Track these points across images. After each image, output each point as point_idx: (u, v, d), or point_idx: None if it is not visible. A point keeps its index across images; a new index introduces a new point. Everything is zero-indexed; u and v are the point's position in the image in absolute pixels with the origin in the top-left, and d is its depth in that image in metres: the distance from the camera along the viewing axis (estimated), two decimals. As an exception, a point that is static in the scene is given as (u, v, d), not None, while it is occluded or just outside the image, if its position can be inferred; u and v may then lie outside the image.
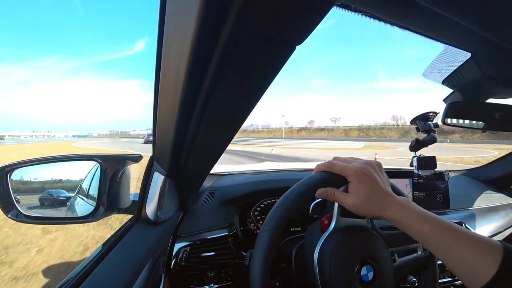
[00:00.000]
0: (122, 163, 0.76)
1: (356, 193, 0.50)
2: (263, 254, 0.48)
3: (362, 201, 0.50)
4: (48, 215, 0.72)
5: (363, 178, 0.50)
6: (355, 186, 0.51)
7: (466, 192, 1.34)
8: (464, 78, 0.74)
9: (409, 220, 0.48)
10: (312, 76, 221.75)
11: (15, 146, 33.10)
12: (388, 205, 0.49)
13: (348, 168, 0.52)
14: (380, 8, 0.46)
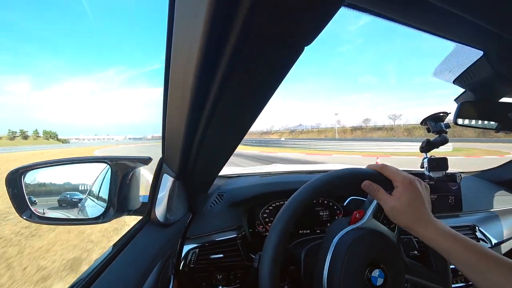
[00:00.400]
0: (132, 165, 0.77)
1: (398, 198, 0.52)
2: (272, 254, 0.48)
3: (401, 207, 0.52)
4: (60, 216, 0.73)
5: (409, 188, 0.53)
6: (399, 192, 0.53)
7: (479, 194, 1.30)
8: (476, 77, 0.72)
9: (441, 240, 0.49)
10: (360, 72, 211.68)
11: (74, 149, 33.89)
12: (424, 222, 0.51)
13: (398, 174, 0.55)
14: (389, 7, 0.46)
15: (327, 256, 0.54)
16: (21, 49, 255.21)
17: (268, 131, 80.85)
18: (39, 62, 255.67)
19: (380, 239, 0.56)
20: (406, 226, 0.52)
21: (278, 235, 0.49)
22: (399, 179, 0.54)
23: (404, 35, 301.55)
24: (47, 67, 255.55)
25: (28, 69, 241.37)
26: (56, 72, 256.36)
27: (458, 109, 0.85)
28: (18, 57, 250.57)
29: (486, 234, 1.08)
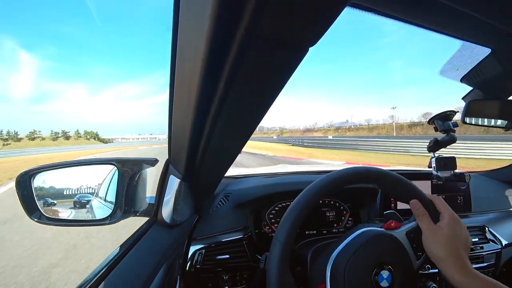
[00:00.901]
0: (139, 166, 0.77)
1: (441, 229, 0.53)
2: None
3: (442, 239, 0.52)
4: (69, 218, 0.74)
5: (456, 225, 0.54)
6: (445, 223, 0.53)
7: (488, 194, 1.28)
8: (484, 75, 0.71)
9: (470, 284, 0.48)
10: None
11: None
12: (460, 265, 0.50)
13: (448, 208, 0.56)
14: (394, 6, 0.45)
15: (341, 242, 0.56)
16: (78, 59, 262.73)
17: (311, 128, 75.71)
18: (93, 71, 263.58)
19: (395, 245, 0.55)
20: (440, 259, 0.51)
21: (285, 234, 0.49)
22: (448, 213, 0.55)
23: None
24: (100, 75, 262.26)
25: (84, 77, 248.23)
26: (108, 78, 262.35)
27: (466, 107, 0.84)
28: (75, 66, 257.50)
29: (496, 235, 1.06)
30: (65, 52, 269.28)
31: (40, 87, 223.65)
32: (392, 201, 1.08)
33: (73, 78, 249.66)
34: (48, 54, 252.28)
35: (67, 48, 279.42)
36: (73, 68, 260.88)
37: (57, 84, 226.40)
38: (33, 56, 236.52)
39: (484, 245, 1.02)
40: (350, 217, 1.07)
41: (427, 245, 0.53)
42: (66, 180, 0.75)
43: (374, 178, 0.57)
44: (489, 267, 1.00)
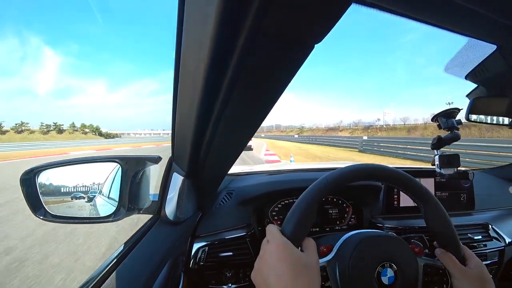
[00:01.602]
0: (142, 164, 0.78)
1: (470, 275, 0.51)
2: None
3: (471, 277, 0.51)
4: (73, 215, 0.75)
5: (484, 270, 0.53)
6: (474, 266, 0.53)
7: (492, 191, 1.28)
8: (489, 72, 0.71)
9: None
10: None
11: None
12: None
13: (475, 257, 0.55)
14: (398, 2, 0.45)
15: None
16: (98, 56, 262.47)
17: (335, 127, 66.61)
18: (113, 68, 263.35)
19: (411, 259, 0.55)
20: None
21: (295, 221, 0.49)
22: (475, 259, 0.54)
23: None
24: (119, 71, 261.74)
25: (104, 73, 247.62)
26: (127, 75, 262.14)
27: (470, 105, 0.84)
28: (96, 63, 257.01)
29: (500, 233, 1.06)
30: (86, 49, 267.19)
31: (62, 82, 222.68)
32: (395, 199, 1.07)
33: (93, 74, 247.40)
34: (71, 51, 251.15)
35: (88, 45, 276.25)
36: (93, 65, 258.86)
37: (78, 80, 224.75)
38: (57, 53, 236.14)
39: (488, 243, 1.02)
40: (353, 214, 1.07)
41: (459, 286, 0.52)
42: (70, 177, 0.76)
43: (419, 193, 0.56)
44: (492, 265, 1.00)
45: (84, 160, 0.77)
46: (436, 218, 0.56)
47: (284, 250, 0.44)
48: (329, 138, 31.68)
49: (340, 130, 59.68)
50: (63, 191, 0.75)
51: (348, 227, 1.05)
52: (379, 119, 54.50)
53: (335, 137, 33.10)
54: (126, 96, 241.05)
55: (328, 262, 0.51)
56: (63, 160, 0.74)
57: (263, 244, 0.49)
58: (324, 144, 29.16)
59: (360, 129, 52.83)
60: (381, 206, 1.07)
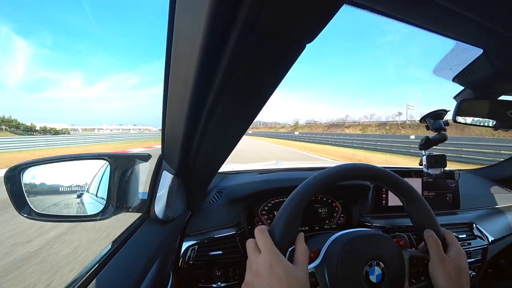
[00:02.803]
0: (131, 162, 0.76)
1: (450, 260, 0.54)
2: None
3: (446, 265, 0.54)
4: (59, 213, 0.73)
5: (462, 257, 0.56)
6: (453, 254, 0.56)
7: (477, 191, 1.31)
8: (476, 75, 0.72)
9: None
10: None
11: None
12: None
13: (457, 242, 0.59)
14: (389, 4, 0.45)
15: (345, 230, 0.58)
16: (74, 47, 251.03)
17: (339, 123, 55.87)
18: (90, 59, 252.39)
19: (397, 254, 0.56)
20: (440, 284, 0.53)
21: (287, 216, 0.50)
22: (457, 247, 0.57)
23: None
24: (97, 64, 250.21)
25: (80, 66, 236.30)
26: (106, 68, 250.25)
27: (457, 106, 0.85)
28: (72, 55, 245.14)
29: (483, 232, 1.09)
30: (61, 39, 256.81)
31: (35, 75, 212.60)
32: (384, 198, 1.09)
33: (69, 66, 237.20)
34: (44, 41, 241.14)
35: (63, 35, 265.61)
36: (70, 57, 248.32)
37: (52, 73, 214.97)
38: (28, 44, 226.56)
39: (472, 241, 1.05)
40: (342, 213, 1.08)
41: (434, 274, 0.54)
42: (56, 175, 0.74)
43: (404, 191, 0.59)
44: (476, 263, 1.03)
45: (71, 157, 0.76)
46: (417, 210, 0.58)
47: (278, 267, 0.45)
48: (349, 138, 24.32)
49: (346, 127, 50.87)
50: (49, 189, 0.73)
51: (337, 226, 1.06)
52: (400, 113, 45.05)
53: (354, 136, 25.60)
54: (105, 89, 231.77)
55: (316, 268, 0.51)
56: (50, 157, 0.72)
57: (253, 255, 0.48)
58: (345, 145, 22.26)
59: (374, 126, 44.31)
60: (369, 205, 1.09)
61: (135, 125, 72.16)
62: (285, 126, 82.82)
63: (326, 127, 58.42)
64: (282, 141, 32.06)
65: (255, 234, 0.50)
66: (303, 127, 68.15)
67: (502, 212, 1.24)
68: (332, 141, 25.88)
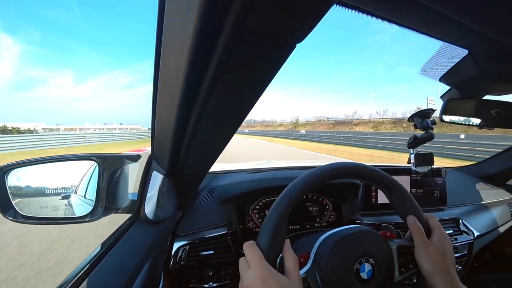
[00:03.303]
0: (121, 162, 0.75)
1: (434, 244, 0.56)
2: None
3: (434, 252, 0.55)
4: (46, 215, 0.72)
5: (445, 241, 0.58)
6: (437, 239, 0.57)
7: (463, 188, 1.35)
8: (461, 75, 0.74)
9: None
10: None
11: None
12: (450, 279, 0.53)
13: (440, 226, 0.60)
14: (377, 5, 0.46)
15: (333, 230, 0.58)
16: (65, 44, 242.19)
17: (346, 120, 50.59)
18: (81, 57, 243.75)
19: (385, 248, 0.57)
20: (432, 274, 0.54)
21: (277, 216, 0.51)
22: (440, 231, 0.59)
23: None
24: (88, 62, 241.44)
25: (70, 64, 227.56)
26: (97, 66, 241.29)
27: (443, 106, 0.87)
28: (62, 52, 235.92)
29: (469, 227, 1.12)
30: (50, 37, 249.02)
31: (23, 73, 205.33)
32: (373, 196, 1.11)
33: (59, 64, 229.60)
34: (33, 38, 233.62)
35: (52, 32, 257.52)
36: (58, 55, 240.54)
37: (41, 71, 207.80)
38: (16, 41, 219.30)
39: (458, 237, 1.08)
40: (333, 211, 1.09)
41: (419, 259, 0.56)
42: (43, 176, 0.72)
43: (385, 183, 0.60)
44: (462, 257, 1.06)
45: (58, 158, 0.74)
46: (399, 198, 0.60)
47: (271, 281, 0.45)
48: (371, 137, 21.41)
49: (355, 124, 47.14)
50: (35, 191, 0.72)
51: (328, 224, 1.07)
52: (419, 108, 38.12)
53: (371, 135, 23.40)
54: (95, 88, 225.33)
55: (308, 273, 0.51)
56: (36, 158, 0.71)
57: (244, 271, 0.48)
58: (364, 145, 19.66)
59: (389, 123, 40.57)
60: (359, 203, 1.10)
61: (121, 124, 68.45)
62: (283, 124, 79.02)
63: (331, 125, 54.09)
64: (287, 141, 28.90)
65: (244, 250, 0.50)
66: (304, 125, 64.14)
67: (487, 208, 1.27)
68: (346, 140, 22.88)
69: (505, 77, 0.70)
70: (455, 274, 0.54)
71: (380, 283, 0.53)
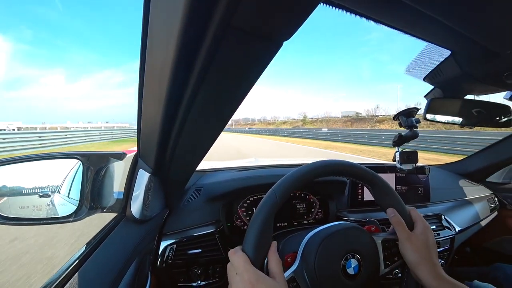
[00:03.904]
0: (105, 160, 0.74)
1: (416, 236, 0.58)
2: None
3: (417, 244, 0.56)
4: (27, 216, 0.70)
5: (428, 232, 0.59)
6: (419, 231, 0.58)
7: (445, 185, 1.39)
8: (444, 75, 0.76)
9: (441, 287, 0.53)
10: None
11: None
12: (433, 270, 0.55)
13: (422, 218, 0.61)
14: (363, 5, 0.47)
15: (319, 227, 0.59)
16: (56, 42, 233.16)
17: (367, 117, 44.45)
18: (73, 56, 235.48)
19: (370, 242, 0.58)
20: (415, 264, 0.55)
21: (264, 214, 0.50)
22: (422, 222, 0.60)
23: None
24: (80, 61, 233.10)
25: (62, 63, 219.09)
26: (88, 65, 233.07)
27: (427, 105, 0.89)
28: (53, 51, 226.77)
29: (451, 222, 1.16)
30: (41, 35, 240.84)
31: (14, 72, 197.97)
32: (359, 193, 1.13)
33: (50, 63, 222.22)
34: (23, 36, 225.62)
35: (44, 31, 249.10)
36: (50, 53, 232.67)
37: (32, 69, 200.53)
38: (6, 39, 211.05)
39: (440, 232, 1.11)
40: (320, 209, 1.10)
41: (403, 251, 0.57)
42: (23, 175, 0.70)
43: (367, 179, 0.61)
44: (445, 251, 1.10)
45: (40, 157, 0.72)
46: (380, 192, 0.61)
47: (260, 285, 0.45)
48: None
49: (378, 121, 41.27)
50: (15, 191, 0.69)
51: (315, 221, 1.09)
52: None
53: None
54: (88, 87, 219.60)
55: (296, 272, 0.52)
56: (16, 157, 0.68)
57: (232, 278, 0.48)
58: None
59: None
60: (346, 200, 1.12)
61: (107, 122, 64.86)
62: (287, 121, 71.05)
63: (349, 122, 46.47)
64: (308, 141, 21.52)
65: (229, 257, 0.50)
66: (313, 122, 58.32)
67: (467, 204, 1.32)
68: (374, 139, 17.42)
69: (486, 78, 0.72)
70: (437, 263, 0.56)
71: (366, 277, 0.54)
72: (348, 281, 0.52)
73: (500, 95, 0.88)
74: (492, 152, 1.43)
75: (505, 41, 0.55)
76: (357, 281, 0.53)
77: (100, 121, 69.53)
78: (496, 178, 1.50)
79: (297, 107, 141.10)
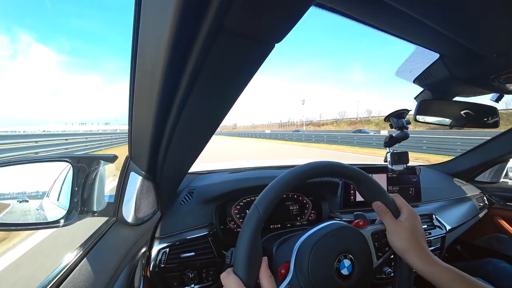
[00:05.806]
0: (96, 163, 0.73)
1: (402, 223, 0.58)
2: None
3: (404, 231, 0.57)
4: (15, 221, 0.68)
5: (414, 218, 0.59)
6: (404, 218, 0.59)
7: (436, 185, 1.41)
8: (433, 78, 0.78)
9: (438, 274, 0.54)
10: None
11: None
12: (422, 254, 0.56)
13: (406, 204, 0.62)
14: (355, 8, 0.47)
15: (309, 231, 0.59)
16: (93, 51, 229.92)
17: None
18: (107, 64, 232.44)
19: (360, 239, 0.58)
20: (404, 251, 0.56)
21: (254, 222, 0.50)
22: (407, 209, 0.60)
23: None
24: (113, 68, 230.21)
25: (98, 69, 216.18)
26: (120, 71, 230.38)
27: (417, 106, 0.91)
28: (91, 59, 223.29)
29: (442, 221, 1.18)
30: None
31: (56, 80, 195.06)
32: (352, 194, 1.14)
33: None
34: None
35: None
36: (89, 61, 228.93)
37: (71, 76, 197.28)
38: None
39: (432, 231, 1.13)
40: (313, 210, 1.11)
41: (391, 239, 0.58)
42: (10, 180, 0.68)
43: (348, 174, 0.61)
44: (436, 250, 1.12)
45: (28, 160, 0.70)
46: (365, 187, 0.62)
47: None
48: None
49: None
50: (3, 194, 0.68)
51: (308, 222, 1.09)
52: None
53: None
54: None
55: (291, 283, 0.51)
56: (4, 160, 0.67)
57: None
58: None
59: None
60: (339, 201, 1.13)
61: (106, 124, 59.98)
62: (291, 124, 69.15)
63: (361, 122, 43.04)
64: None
65: (222, 281, 0.49)
66: (313, 124, 58.06)
67: (457, 203, 1.35)
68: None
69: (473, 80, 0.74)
70: (425, 246, 0.57)
71: (361, 273, 0.55)
72: (343, 282, 0.53)
73: (488, 97, 0.90)
74: (480, 152, 1.47)
75: (492, 45, 0.56)
76: (352, 280, 0.54)
77: (96, 122, 65.04)
78: (484, 178, 1.54)
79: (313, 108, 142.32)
